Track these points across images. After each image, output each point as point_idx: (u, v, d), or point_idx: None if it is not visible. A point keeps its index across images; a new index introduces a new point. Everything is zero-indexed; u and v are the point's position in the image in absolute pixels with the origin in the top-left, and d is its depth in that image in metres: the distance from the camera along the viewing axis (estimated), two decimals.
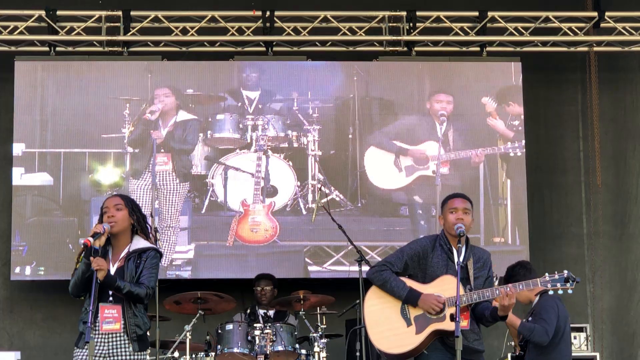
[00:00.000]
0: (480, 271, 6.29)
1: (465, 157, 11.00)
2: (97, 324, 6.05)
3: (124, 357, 6.11)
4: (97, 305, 6.02)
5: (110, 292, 6.03)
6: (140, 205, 6.49)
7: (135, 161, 10.83)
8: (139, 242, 6.24)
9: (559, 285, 6.14)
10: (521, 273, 7.79)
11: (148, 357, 6.25)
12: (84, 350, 6.07)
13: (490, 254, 6.47)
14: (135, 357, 6.14)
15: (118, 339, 6.10)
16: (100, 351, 6.06)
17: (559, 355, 7.57)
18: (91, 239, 6.03)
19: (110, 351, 6.09)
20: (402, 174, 10.99)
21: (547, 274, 6.20)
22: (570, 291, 6.16)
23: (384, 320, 6.35)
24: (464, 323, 6.12)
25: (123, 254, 6.18)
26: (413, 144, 11.02)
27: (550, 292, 6.21)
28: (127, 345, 6.11)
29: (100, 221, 6.23)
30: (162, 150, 10.84)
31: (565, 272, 6.17)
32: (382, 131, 11.03)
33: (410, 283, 6.33)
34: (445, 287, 6.21)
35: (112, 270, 6.10)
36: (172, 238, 10.72)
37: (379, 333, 6.36)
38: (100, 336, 6.06)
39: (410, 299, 6.25)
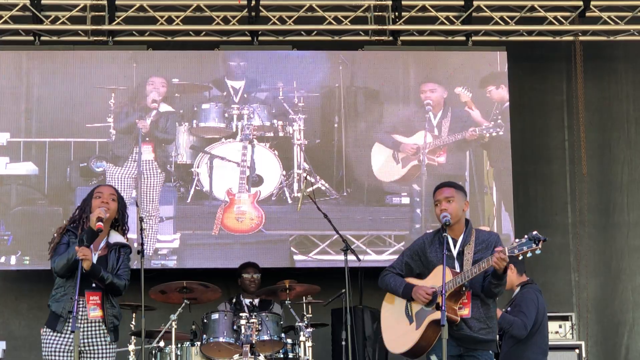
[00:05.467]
0: (483, 253, 6.30)
1: (455, 140, 11.00)
2: (80, 313, 6.03)
3: (101, 347, 6.11)
4: (82, 293, 6.02)
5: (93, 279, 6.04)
6: (121, 192, 6.50)
7: (117, 149, 10.80)
8: (117, 236, 6.25)
9: (525, 248, 6.02)
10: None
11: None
12: (63, 336, 6.04)
13: (499, 236, 6.49)
14: (111, 347, 6.15)
15: (97, 328, 6.09)
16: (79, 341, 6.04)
17: (534, 346, 7.67)
18: (101, 222, 6.03)
19: (88, 340, 6.08)
20: (399, 165, 11.00)
21: (515, 240, 6.13)
22: (538, 251, 6.01)
23: (393, 322, 6.51)
24: (465, 311, 6.20)
25: (102, 244, 6.19)
26: (407, 135, 11.01)
27: (520, 257, 6.11)
28: (105, 335, 6.11)
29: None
30: (147, 139, 10.83)
31: (533, 232, 6.05)
32: (380, 126, 11.01)
33: (411, 280, 6.44)
34: (439, 277, 6.24)
35: (94, 259, 6.10)
36: (154, 227, 10.70)
37: (389, 336, 6.55)
38: (80, 326, 6.04)
39: (406, 294, 6.39)
